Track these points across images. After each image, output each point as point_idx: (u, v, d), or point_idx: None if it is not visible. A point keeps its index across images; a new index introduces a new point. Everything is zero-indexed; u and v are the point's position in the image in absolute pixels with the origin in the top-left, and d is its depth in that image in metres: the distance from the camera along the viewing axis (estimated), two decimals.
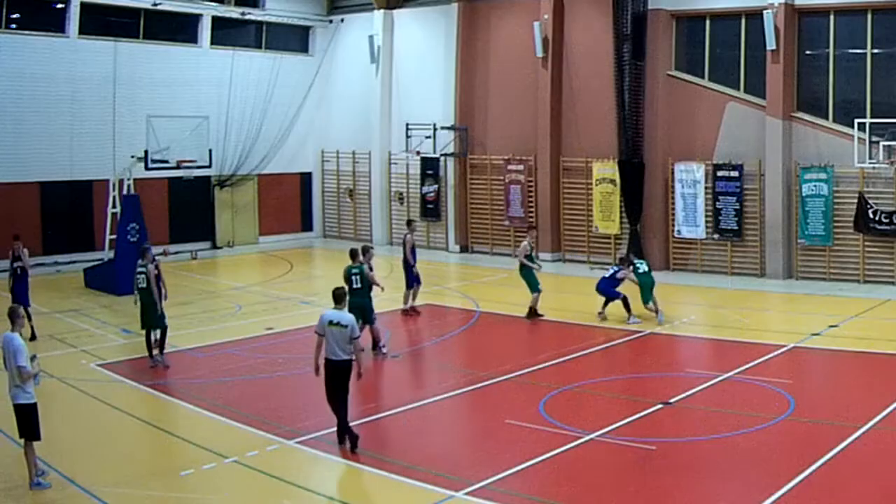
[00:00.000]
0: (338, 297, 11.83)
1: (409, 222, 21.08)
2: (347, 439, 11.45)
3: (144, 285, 15.71)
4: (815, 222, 22.57)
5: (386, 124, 31.38)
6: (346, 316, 11.62)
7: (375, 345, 16.39)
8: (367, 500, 10.47)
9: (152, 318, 15.72)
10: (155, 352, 15.75)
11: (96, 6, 27.28)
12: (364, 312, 15.74)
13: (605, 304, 18.88)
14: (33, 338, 17.26)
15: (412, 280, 19.96)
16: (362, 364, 11.70)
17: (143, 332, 15.90)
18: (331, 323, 11.49)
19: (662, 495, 10.02)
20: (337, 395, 11.51)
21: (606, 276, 19.07)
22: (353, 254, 16.45)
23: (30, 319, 17.10)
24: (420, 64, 30.50)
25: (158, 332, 15.80)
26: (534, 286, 19.15)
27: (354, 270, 16.02)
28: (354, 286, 15.76)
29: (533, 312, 19.18)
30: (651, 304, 18.74)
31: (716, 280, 23.64)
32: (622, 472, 10.74)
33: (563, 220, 27.13)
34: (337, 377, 11.46)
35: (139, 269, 15.85)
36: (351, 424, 11.52)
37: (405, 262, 19.96)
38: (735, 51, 24.30)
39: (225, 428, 12.43)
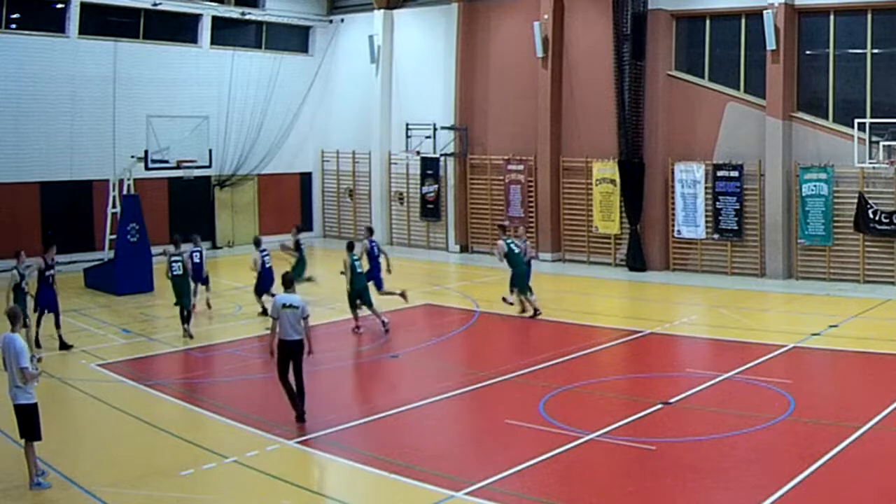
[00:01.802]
0: (287, 282, 13.08)
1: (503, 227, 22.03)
2: (295, 410, 12.44)
3: (180, 272, 17.88)
4: (815, 222, 22.57)
5: (386, 124, 31.37)
6: (296, 298, 12.72)
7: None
8: (367, 500, 10.47)
9: (187, 298, 17.95)
10: (186, 325, 17.85)
11: (96, 6, 27.27)
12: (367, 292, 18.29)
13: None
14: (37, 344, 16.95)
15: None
16: (312, 341, 12.72)
17: (178, 309, 17.95)
18: (284, 306, 12.52)
19: (662, 495, 10.02)
20: (290, 372, 12.46)
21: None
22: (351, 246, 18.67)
23: (38, 325, 16.98)
24: (420, 64, 30.50)
25: (186, 310, 17.92)
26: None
27: (356, 257, 18.36)
28: (357, 271, 18.07)
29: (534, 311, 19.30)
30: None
31: (716, 280, 23.63)
32: (622, 472, 10.75)
33: (563, 220, 27.12)
34: (291, 356, 12.45)
35: (174, 258, 17.91)
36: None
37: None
38: (735, 51, 24.29)
39: (225, 428, 12.44)
